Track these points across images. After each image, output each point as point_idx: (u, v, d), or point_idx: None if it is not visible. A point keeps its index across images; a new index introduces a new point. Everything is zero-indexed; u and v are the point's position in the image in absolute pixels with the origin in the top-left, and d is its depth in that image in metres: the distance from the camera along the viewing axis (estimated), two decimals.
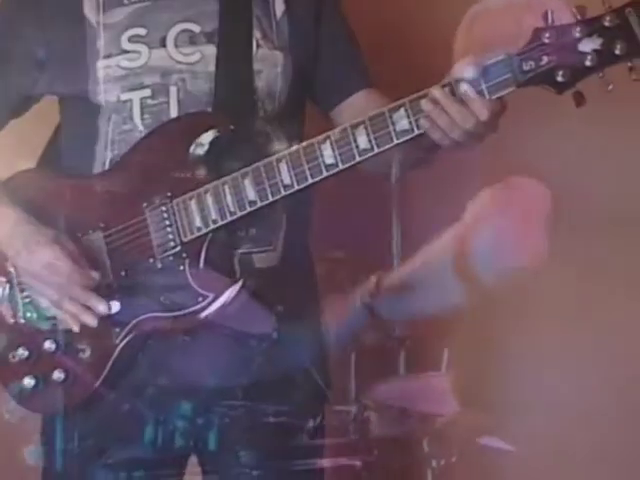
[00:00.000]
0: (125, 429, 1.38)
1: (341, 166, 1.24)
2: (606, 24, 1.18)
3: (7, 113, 1.51)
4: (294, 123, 1.48)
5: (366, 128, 1.22)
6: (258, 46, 1.42)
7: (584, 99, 1.20)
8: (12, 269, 1.39)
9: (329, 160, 1.24)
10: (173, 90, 1.39)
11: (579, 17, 1.19)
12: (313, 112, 1.56)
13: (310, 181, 1.25)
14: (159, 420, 1.38)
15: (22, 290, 1.39)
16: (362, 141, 1.23)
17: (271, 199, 1.27)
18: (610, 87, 1.19)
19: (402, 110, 1.22)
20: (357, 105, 1.47)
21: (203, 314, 1.28)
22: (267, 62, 1.42)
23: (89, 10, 1.42)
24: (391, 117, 1.22)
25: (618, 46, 1.17)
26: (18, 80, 1.47)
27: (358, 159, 1.23)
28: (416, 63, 2.29)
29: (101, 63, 1.40)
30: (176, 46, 1.40)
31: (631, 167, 2.44)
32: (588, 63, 1.18)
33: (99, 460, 1.38)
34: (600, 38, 1.18)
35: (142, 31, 1.40)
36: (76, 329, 1.33)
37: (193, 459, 1.47)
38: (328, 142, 1.24)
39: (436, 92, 1.22)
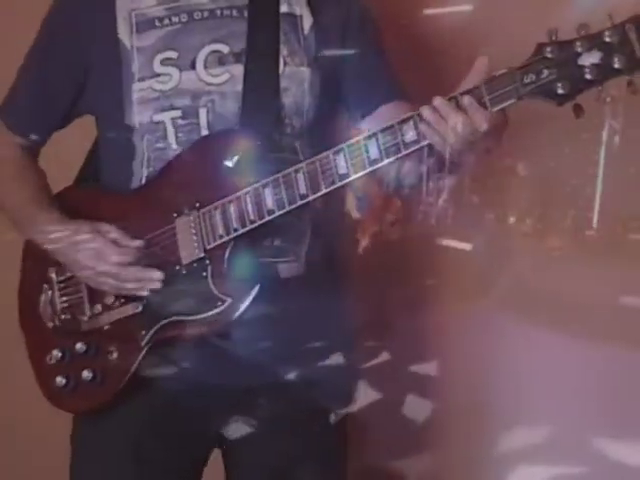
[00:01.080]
0: (152, 426, 1.46)
1: (352, 176, 1.31)
2: (606, 39, 1.23)
3: (52, 128, 1.60)
4: (323, 137, 1.53)
5: (377, 140, 1.29)
6: (285, 64, 1.48)
7: (583, 111, 1.26)
8: (54, 274, 1.49)
9: (342, 170, 1.31)
10: (202, 112, 1.45)
11: (581, 34, 1.25)
12: None
13: (323, 190, 1.32)
14: (183, 417, 1.46)
15: (62, 295, 1.49)
16: (373, 152, 1.30)
17: (287, 208, 1.34)
18: (608, 99, 1.26)
19: (411, 122, 1.29)
20: (384, 118, 1.50)
21: (222, 318, 1.36)
22: (294, 79, 1.48)
23: (123, 33, 1.48)
24: (400, 129, 1.29)
25: (617, 60, 1.22)
26: (58, 100, 1.56)
27: (368, 169, 1.30)
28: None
29: (136, 86, 1.47)
30: (205, 67, 1.46)
31: None
32: (588, 76, 1.23)
33: (129, 456, 1.46)
34: (600, 52, 1.23)
35: (173, 54, 1.46)
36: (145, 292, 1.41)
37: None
38: (342, 153, 1.31)
39: (437, 101, 1.28)
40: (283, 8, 1.51)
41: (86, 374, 1.44)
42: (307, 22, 1.52)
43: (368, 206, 1.87)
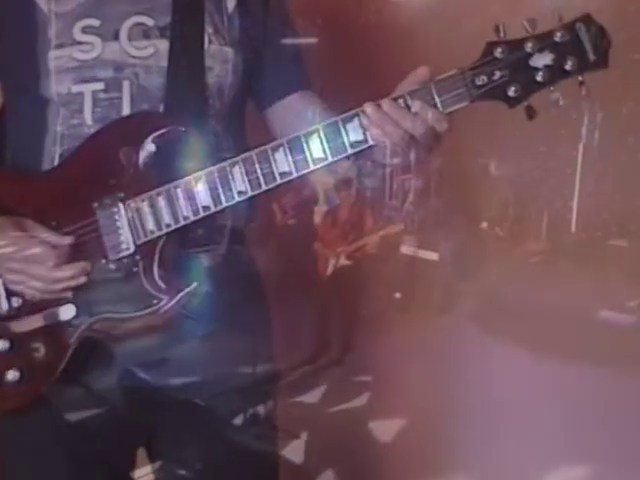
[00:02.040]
0: (78, 423, 1.51)
1: (295, 174, 1.37)
2: (557, 39, 1.32)
3: None
4: (239, 120, 1.62)
5: (320, 137, 1.35)
6: (210, 42, 1.53)
7: (535, 112, 1.34)
8: None
9: (283, 168, 1.37)
10: (126, 84, 1.49)
11: (530, 30, 1.33)
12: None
13: (264, 188, 1.38)
14: (109, 414, 1.52)
15: None
16: (316, 150, 1.36)
17: (225, 204, 1.40)
18: (561, 102, 1.33)
19: (356, 120, 1.35)
20: (291, 107, 1.61)
21: (157, 316, 1.41)
22: (218, 58, 1.54)
23: None
24: (345, 127, 1.35)
25: (569, 62, 1.32)
26: None
27: (312, 167, 1.37)
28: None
29: (53, 53, 1.48)
30: (129, 39, 1.49)
31: None
32: (539, 78, 1.33)
33: (55, 452, 1.52)
34: (551, 54, 1.32)
35: (95, 22, 1.49)
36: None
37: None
38: (281, 149, 1.37)
39: (386, 105, 1.34)
40: None
41: (12, 374, 1.46)
42: (231, 3, 1.58)
43: (333, 220, 1.93)
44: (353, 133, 1.36)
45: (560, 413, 2.93)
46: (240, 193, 1.39)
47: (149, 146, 1.42)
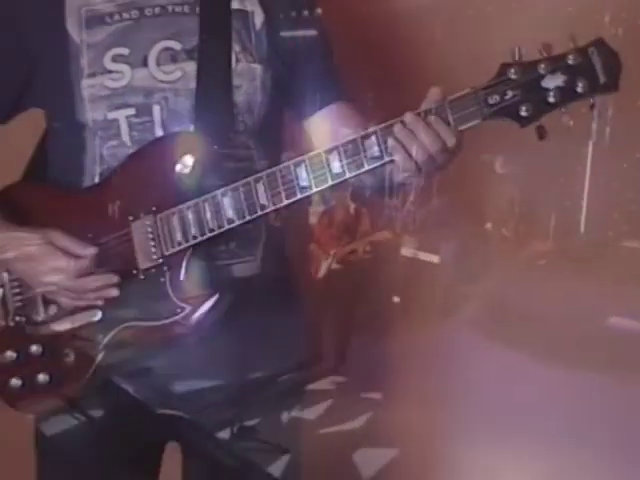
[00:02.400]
0: (111, 426, 1.66)
1: (314, 189, 1.48)
2: (569, 62, 1.42)
3: None
4: (274, 134, 1.73)
5: (339, 154, 1.46)
6: (237, 60, 1.64)
7: (546, 132, 1.44)
8: (5, 274, 1.64)
9: (303, 183, 1.48)
10: (156, 109, 1.61)
11: (544, 54, 1.44)
12: None
13: (285, 202, 1.49)
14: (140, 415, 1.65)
15: (14, 294, 1.64)
16: (335, 166, 1.47)
17: (248, 218, 1.51)
18: (571, 123, 1.44)
19: (373, 137, 1.46)
20: (328, 118, 1.71)
21: (181, 325, 1.53)
22: (246, 76, 1.65)
23: (72, 27, 1.63)
24: (363, 144, 1.46)
25: (580, 84, 1.42)
26: (6, 88, 1.69)
27: (330, 183, 1.48)
28: None
29: (85, 82, 1.62)
30: (158, 65, 1.62)
31: None
32: (551, 99, 1.43)
33: (92, 456, 1.66)
34: (563, 75, 1.42)
35: (125, 51, 1.62)
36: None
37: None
38: (303, 165, 1.48)
39: (408, 117, 1.46)
40: (234, 4, 1.67)
41: (42, 377, 1.60)
42: (259, 18, 1.69)
43: (330, 220, 2.05)
44: (370, 150, 1.46)
45: (568, 423, 2.92)
46: (262, 207, 1.50)
47: (181, 164, 1.54)
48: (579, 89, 1.43)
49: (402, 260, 4.92)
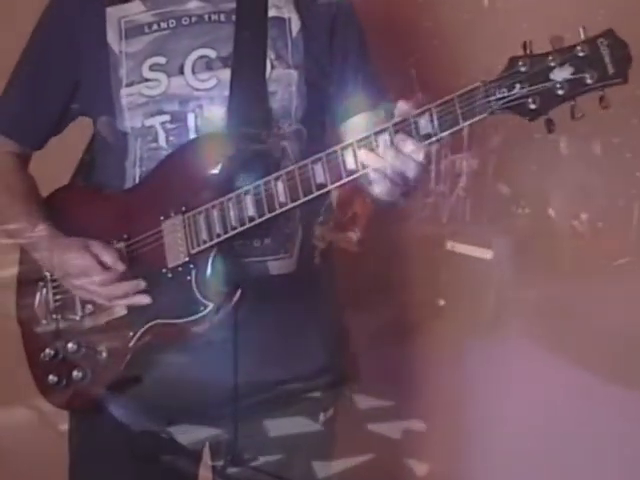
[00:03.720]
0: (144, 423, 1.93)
1: (330, 186, 1.70)
2: (579, 54, 1.57)
3: (48, 131, 2.05)
4: (315, 136, 1.97)
5: (354, 150, 1.67)
6: (272, 67, 1.88)
7: (554, 125, 1.61)
8: (47, 274, 1.95)
9: (320, 179, 1.70)
10: (190, 117, 1.88)
11: (555, 47, 1.60)
12: None
13: (302, 199, 1.72)
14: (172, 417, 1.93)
15: (55, 294, 1.95)
16: (350, 162, 1.67)
17: (267, 215, 1.74)
18: (581, 115, 1.60)
19: (387, 134, 1.65)
20: (360, 124, 1.94)
21: (204, 322, 1.80)
22: (281, 82, 1.90)
23: (112, 39, 1.90)
24: (376, 139, 1.65)
25: (588, 75, 1.57)
26: (56, 98, 2.00)
27: (345, 179, 1.68)
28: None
29: (124, 91, 1.88)
30: (193, 73, 1.87)
31: None
32: (559, 92, 1.57)
33: (125, 454, 1.94)
34: (572, 67, 1.57)
35: (162, 60, 1.88)
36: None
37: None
38: (319, 163, 1.70)
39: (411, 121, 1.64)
40: (271, 12, 1.93)
41: (76, 373, 1.91)
42: (295, 25, 1.95)
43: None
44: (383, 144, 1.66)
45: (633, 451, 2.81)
46: (281, 204, 1.74)
47: (211, 164, 1.80)
48: (588, 81, 1.57)
49: (448, 256, 4.50)
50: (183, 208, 1.82)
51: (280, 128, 1.91)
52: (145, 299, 1.85)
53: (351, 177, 1.69)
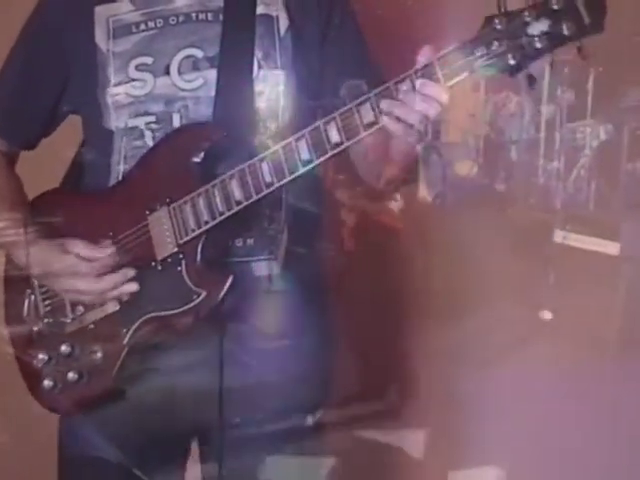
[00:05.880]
0: (135, 424, 1.92)
1: (316, 161, 1.71)
2: (553, 7, 1.60)
3: (38, 129, 2.05)
4: None
5: (336, 123, 1.68)
6: (260, 67, 1.90)
7: (535, 80, 1.65)
8: (35, 280, 1.94)
9: (305, 156, 1.71)
10: (176, 117, 1.89)
11: (529, 3, 1.63)
12: None
13: (287, 178, 1.73)
14: (164, 412, 1.91)
15: (44, 299, 1.95)
16: (333, 136, 1.69)
17: (255, 197, 1.75)
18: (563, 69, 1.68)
19: (368, 104, 1.68)
20: None
21: (198, 311, 1.79)
22: (268, 83, 1.90)
23: (100, 38, 1.91)
24: (358, 111, 1.68)
25: (565, 27, 1.59)
26: (45, 95, 2.01)
27: (330, 153, 1.70)
28: None
29: (111, 90, 1.90)
30: (180, 73, 1.89)
31: None
32: (538, 45, 1.61)
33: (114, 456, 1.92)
34: (548, 20, 1.60)
35: (148, 60, 1.90)
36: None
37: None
38: (304, 140, 1.71)
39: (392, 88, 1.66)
40: (259, 9, 1.92)
41: (71, 375, 1.89)
42: (283, 24, 1.94)
43: None
44: (366, 116, 1.68)
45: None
46: (267, 185, 1.75)
47: (194, 155, 1.81)
48: (565, 32, 1.60)
49: (557, 251, 3.78)
50: (168, 200, 1.83)
51: (267, 129, 1.91)
52: (136, 286, 1.85)
53: (371, 130, 1.69)
